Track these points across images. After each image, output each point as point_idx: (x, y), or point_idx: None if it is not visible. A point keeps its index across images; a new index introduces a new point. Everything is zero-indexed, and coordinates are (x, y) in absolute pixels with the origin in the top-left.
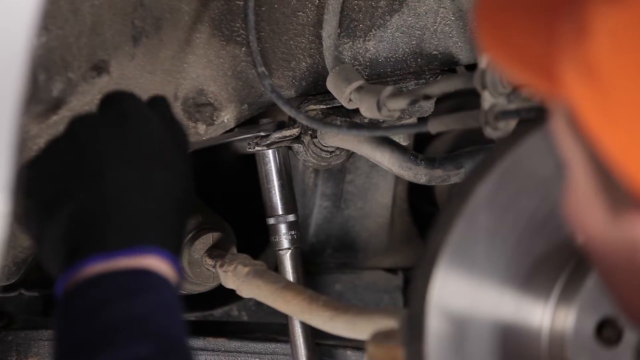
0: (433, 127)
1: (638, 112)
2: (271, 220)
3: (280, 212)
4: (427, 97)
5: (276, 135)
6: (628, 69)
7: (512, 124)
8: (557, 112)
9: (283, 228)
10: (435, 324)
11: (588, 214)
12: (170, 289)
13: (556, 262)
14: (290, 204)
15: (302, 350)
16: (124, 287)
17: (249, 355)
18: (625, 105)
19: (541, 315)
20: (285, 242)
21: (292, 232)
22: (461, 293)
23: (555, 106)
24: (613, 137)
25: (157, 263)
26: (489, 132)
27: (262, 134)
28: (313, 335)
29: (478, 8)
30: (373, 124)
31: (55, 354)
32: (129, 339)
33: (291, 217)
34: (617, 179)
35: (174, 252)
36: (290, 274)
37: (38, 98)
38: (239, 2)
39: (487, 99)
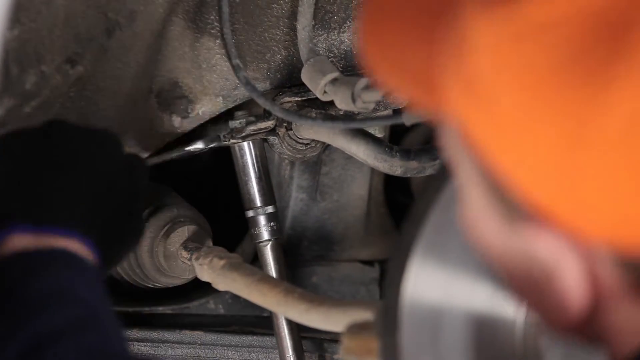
0: (408, 119)
1: (521, 124)
2: (250, 213)
3: (258, 204)
4: None
5: (251, 128)
6: (509, 82)
7: None
8: (445, 128)
9: (262, 220)
10: (409, 316)
11: (484, 227)
12: (91, 270)
13: None
14: (268, 196)
15: (288, 342)
16: (46, 262)
17: (225, 348)
18: (508, 117)
19: (516, 306)
20: (265, 234)
21: (272, 224)
22: (435, 284)
23: (442, 122)
24: (499, 150)
25: (79, 247)
26: None
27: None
28: (298, 328)
29: (361, 23)
30: (348, 116)
31: None
32: (51, 308)
33: (270, 209)
34: (508, 192)
35: (98, 241)
36: (271, 266)
37: (11, 91)
38: None
39: None
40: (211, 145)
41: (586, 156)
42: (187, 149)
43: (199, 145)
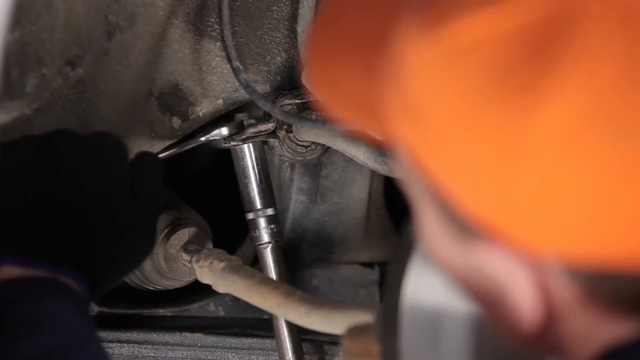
0: None
1: (458, 143)
2: (250, 215)
3: (258, 206)
4: None
5: (251, 130)
6: (444, 104)
7: None
8: (395, 153)
9: (262, 222)
10: (409, 318)
11: (439, 246)
12: (78, 299)
13: None
14: (268, 198)
15: (288, 345)
16: (34, 290)
17: (225, 350)
18: (446, 137)
19: None
20: (265, 236)
21: (272, 226)
22: (436, 287)
23: (392, 147)
24: (442, 169)
25: (69, 281)
26: None
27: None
28: (298, 330)
29: (306, 49)
30: None
31: None
32: (38, 332)
33: (270, 211)
34: (455, 211)
35: (90, 271)
36: (272, 268)
37: (11, 94)
38: None
39: None
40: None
41: (523, 171)
42: (208, 135)
43: (223, 132)
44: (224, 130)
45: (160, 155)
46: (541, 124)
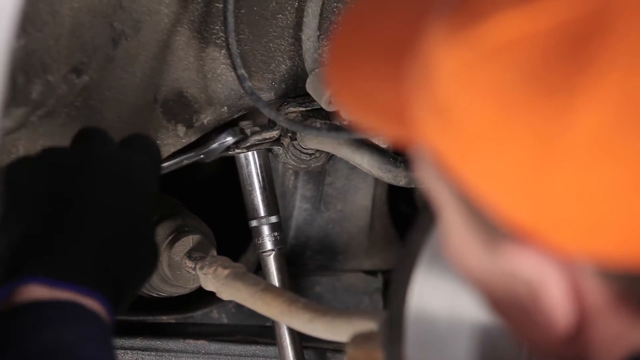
0: None
1: (491, 145)
2: (253, 223)
3: (262, 213)
4: None
5: (256, 138)
6: (476, 105)
7: None
8: (418, 157)
9: (266, 230)
10: (414, 326)
11: (466, 253)
12: (101, 326)
13: None
14: (272, 206)
15: (290, 352)
16: (57, 315)
17: (229, 357)
18: (479, 140)
19: None
20: (268, 244)
21: (275, 234)
22: (440, 295)
23: (414, 151)
24: (473, 173)
25: (94, 304)
26: None
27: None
28: (300, 337)
29: (328, 56)
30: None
31: None
32: None
33: (274, 219)
34: (486, 215)
35: (111, 299)
36: (274, 276)
37: (17, 100)
38: (218, 5)
39: None
40: (237, 139)
41: (558, 171)
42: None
43: (229, 139)
44: (229, 138)
45: (165, 164)
46: (577, 123)
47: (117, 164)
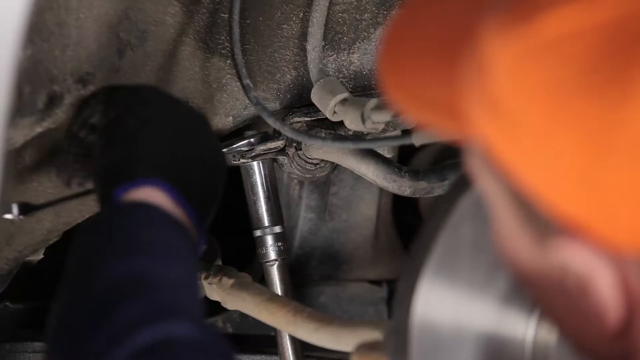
0: (417, 140)
1: (545, 139)
2: (257, 232)
3: (266, 223)
4: None
5: (261, 148)
6: (530, 99)
7: None
8: (469, 151)
9: (270, 240)
10: (419, 336)
11: (517, 247)
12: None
13: None
14: (276, 216)
15: None
16: (165, 222)
17: None
18: (533, 133)
19: (525, 326)
20: (272, 254)
21: (279, 244)
22: (445, 305)
23: (466, 146)
24: (526, 167)
25: (189, 222)
26: None
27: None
28: (302, 347)
29: (380, 52)
30: (357, 136)
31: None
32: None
33: (277, 229)
34: (537, 208)
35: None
36: (277, 286)
37: (23, 111)
38: (223, 15)
39: None
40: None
41: (613, 164)
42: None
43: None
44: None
45: None
46: (633, 116)
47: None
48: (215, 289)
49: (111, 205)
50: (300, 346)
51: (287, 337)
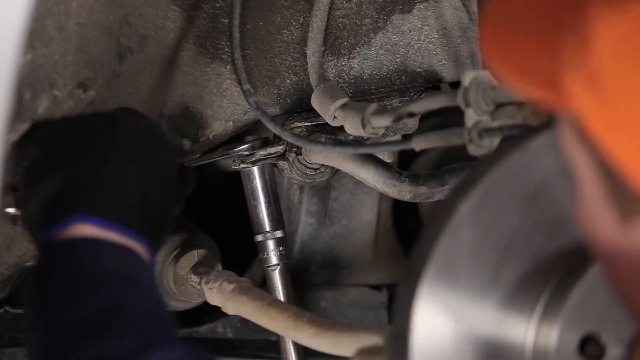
0: (417, 145)
1: None
2: (259, 237)
3: (267, 228)
4: (411, 115)
5: (261, 153)
6: (632, 76)
7: (495, 141)
8: (564, 123)
9: (271, 244)
10: (419, 341)
11: (600, 222)
12: (151, 270)
13: (539, 278)
14: (277, 220)
15: None
16: (111, 251)
17: None
18: (631, 111)
19: (525, 331)
20: (273, 259)
21: (280, 248)
22: (445, 309)
23: (562, 117)
24: (620, 144)
25: (141, 249)
26: (473, 150)
27: (245, 152)
28: (305, 352)
29: (482, 24)
30: (357, 141)
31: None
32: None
33: (279, 233)
34: (626, 186)
35: (154, 244)
36: (279, 290)
37: (24, 115)
38: (224, 20)
39: (471, 117)
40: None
41: None
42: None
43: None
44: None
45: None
46: None
47: (147, 122)
48: (215, 294)
49: (50, 245)
50: (303, 351)
51: (290, 342)
